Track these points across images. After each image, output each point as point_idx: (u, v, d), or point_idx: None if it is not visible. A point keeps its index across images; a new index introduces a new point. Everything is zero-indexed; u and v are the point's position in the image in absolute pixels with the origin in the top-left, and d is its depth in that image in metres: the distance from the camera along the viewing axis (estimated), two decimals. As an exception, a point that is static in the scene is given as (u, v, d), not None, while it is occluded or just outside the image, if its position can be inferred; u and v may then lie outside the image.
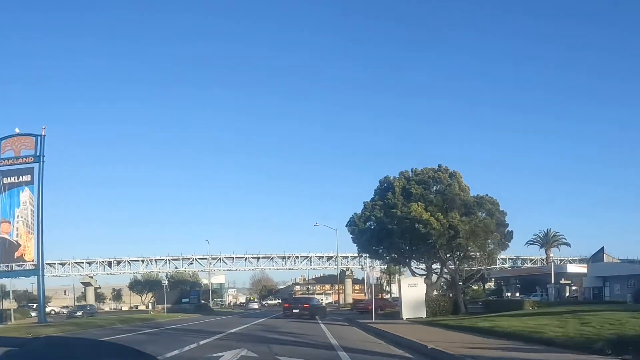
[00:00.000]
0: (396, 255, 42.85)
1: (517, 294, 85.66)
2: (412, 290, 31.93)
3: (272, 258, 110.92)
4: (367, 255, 47.67)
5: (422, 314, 31.74)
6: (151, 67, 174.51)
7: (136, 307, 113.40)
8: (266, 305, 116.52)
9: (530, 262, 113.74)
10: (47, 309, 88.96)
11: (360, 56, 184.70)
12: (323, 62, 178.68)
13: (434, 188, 39.13)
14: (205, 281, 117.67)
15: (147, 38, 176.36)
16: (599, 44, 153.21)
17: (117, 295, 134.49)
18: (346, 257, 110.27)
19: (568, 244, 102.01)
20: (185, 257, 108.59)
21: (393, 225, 37.74)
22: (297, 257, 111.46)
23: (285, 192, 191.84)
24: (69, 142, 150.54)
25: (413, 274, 42.23)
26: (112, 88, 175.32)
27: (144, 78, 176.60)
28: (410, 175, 40.72)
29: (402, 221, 36.54)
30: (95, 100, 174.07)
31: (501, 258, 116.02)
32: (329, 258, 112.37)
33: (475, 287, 67.16)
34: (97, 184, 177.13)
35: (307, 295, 79.26)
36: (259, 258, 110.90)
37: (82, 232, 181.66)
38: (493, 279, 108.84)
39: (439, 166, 40.37)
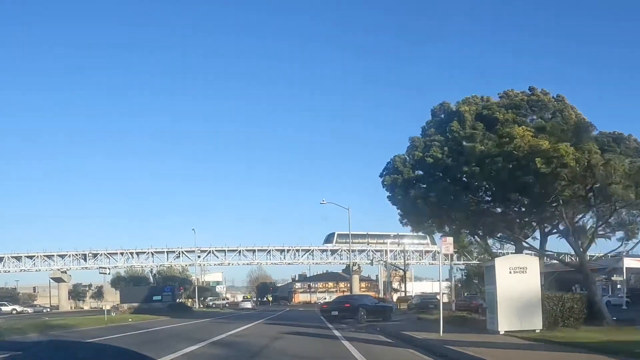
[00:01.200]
0: (475, 220, 26.38)
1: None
2: (515, 279, 17.56)
3: (269, 251, 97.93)
4: (414, 220, 28.14)
5: (536, 323, 17.95)
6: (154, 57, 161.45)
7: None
8: (267, 302, 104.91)
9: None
10: (8, 308, 77.60)
11: None
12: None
13: (531, 118, 24.95)
14: (196, 277, 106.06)
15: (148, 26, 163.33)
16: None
17: (99, 293, 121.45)
18: (354, 252, 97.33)
19: None
20: (171, 250, 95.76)
21: (471, 167, 22.98)
22: (297, 250, 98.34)
23: (284, 181, 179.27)
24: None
25: (519, 249, 26.75)
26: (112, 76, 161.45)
27: (141, 68, 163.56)
28: (485, 103, 26.05)
29: (486, 161, 22.49)
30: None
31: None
32: (333, 252, 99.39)
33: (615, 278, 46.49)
34: (76, 173, 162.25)
35: (358, 294, 62.86)
36: (254, 251, 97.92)
37: (56, 225, 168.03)
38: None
39: (532, 88, 26.66)
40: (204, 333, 22.09)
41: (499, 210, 26.24)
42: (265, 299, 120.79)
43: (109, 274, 72.86)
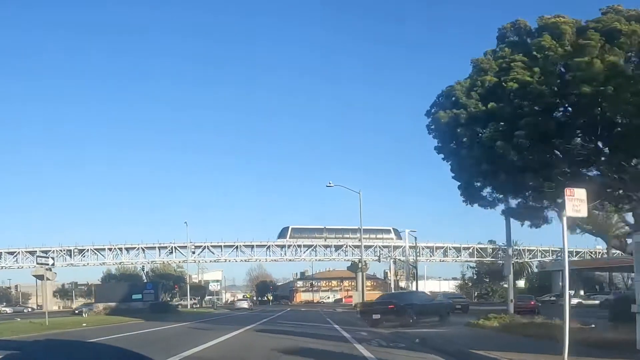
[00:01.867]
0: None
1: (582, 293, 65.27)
2: None
3: (269, 247, 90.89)
4: (490, 176, 19.70)
5: None
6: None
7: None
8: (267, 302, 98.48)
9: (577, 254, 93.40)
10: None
11: None
12: None
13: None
14: (194, 276, 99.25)
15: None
16: None
17: (89, 292, 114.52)
18: (356, 247, 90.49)
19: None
20: (163, 245, 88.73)
21: (586, 89, 15.39)
22: (299, 247, 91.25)
23: (284, 173, 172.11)
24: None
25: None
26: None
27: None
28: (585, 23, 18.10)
29: (616, 80, 15.30)
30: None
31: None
32: (337, 247, 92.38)
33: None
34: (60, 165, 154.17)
35: (408, 291, 54.45)
36: (252, 246, 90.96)
37: (41, 219, 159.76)
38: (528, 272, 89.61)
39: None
40: (153, 350, 15.21)
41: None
42: (265, 298, 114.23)
43: (51, 268, 65.19)
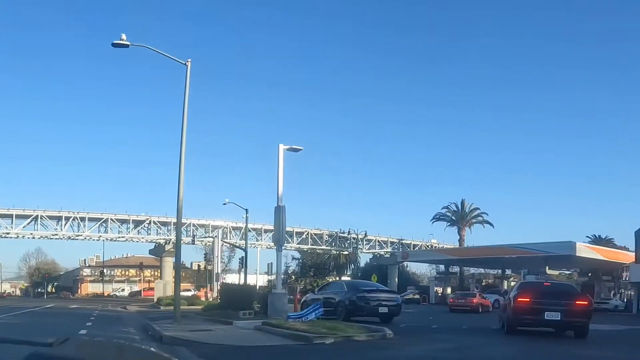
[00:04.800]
0: None
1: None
2: None
3: (37, 217, 65.32)
4: None
5: None
6: None
7: None
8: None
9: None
10: None
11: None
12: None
13: None
14: None
15: None
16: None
17: None
18: (166, 224, 69.35)
19: (490, 223, 72.86)
20: None
21: None
22: (81, 220, 67.08)
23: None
24: None
25: None
26: None
27: None
28: None
29: None
30: None
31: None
32: (137, 223, 70.10)
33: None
34: None
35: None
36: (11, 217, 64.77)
37: None
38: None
39: None
40: None
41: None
42: (41, 290, 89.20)
43: None
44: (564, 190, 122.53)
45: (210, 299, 42.48)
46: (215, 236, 58.37)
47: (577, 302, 16.57)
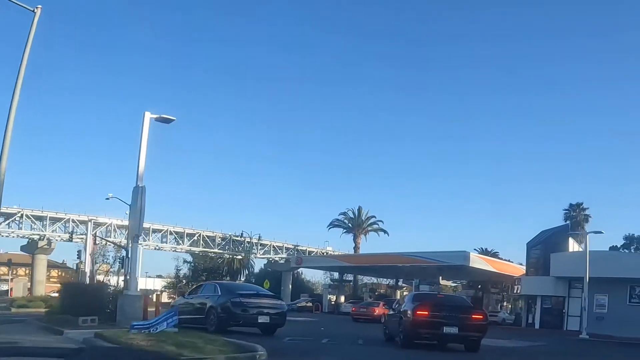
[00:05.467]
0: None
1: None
2: None
3: None
4: None
5: None
6: None
7: None
8: None
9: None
10: None
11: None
12: None
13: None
14: None
15: None
16: None
17: None
18: (41, 218, 62.88)
19: (385, 231, 72.20)
20: None
21: None
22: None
23: None
24: None
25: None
26: None
27: None
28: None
29: None
30: None
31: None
32: (7, 216, 63.05)
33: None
34: None
35: None
36: None
37: None
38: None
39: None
40: None
41: None
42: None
43: None
44: (457, 202, 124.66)
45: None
46: (92, 233, 53.01)
47: (473, 317, 16.65)
